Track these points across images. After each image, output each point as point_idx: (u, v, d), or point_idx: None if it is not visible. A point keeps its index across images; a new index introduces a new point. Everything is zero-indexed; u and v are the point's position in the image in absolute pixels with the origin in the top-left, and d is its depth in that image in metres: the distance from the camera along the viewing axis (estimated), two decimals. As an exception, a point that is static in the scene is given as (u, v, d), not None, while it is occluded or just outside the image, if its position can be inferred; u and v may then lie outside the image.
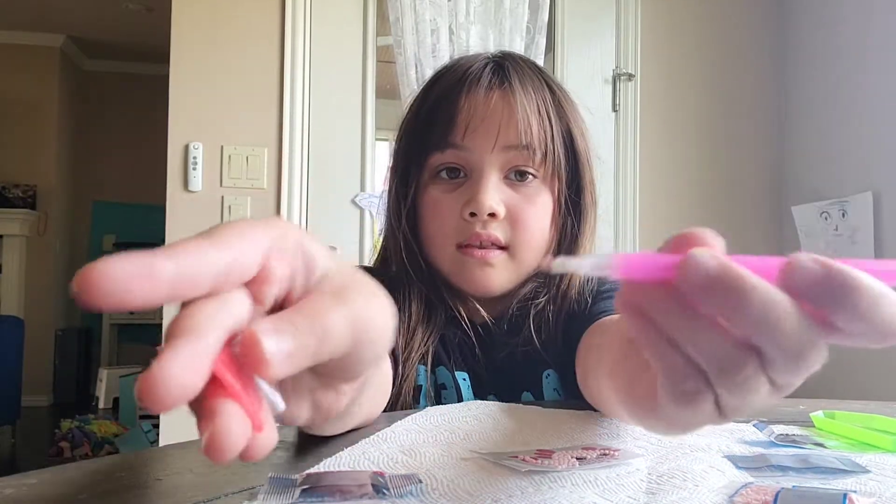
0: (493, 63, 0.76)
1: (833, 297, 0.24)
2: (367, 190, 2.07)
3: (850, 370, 2.07)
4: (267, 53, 2.02)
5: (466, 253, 0.72)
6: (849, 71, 2.10)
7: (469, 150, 0.72)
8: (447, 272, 0.75)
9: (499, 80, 0.74)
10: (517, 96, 0.72)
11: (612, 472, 0.38)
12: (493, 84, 0.73)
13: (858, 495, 0.35)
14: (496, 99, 0.72)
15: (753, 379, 0.25)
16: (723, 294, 0.24)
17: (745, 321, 0.24)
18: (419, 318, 0.73)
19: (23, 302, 5.10)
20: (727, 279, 0.24)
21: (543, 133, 0.72)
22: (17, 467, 3.56)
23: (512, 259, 0.73)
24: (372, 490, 0.35)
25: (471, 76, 0.74)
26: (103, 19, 4.95)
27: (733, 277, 0.24)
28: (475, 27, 2.04)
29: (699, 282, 0.24)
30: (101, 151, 5.80)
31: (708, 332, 0.25)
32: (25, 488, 0.37)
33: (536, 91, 0.74)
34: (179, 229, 1.97)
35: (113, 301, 0.20)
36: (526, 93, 0.73)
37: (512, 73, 0.74)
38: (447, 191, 0.73)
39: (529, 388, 0.73)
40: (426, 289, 0.75)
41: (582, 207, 0.77)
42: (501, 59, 0.77)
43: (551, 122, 0.74)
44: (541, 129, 0.72)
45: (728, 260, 0.25)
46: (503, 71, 0.75)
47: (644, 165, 2.21)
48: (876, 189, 1.96)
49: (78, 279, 0.20)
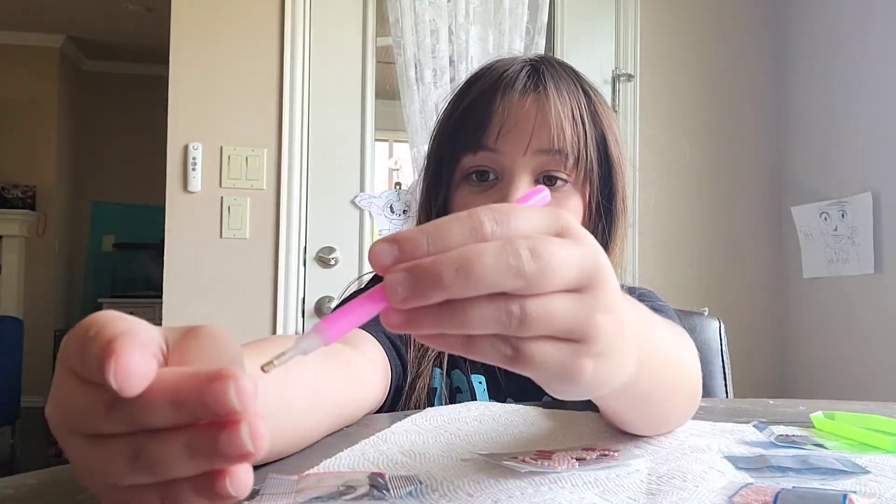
0: (529, 66, 0.76)
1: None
2: (367, 190, 2.07)
3: (850, 370, 2.07)
4: (266, 54, 2.02)
5: None
6: (849, 71, 2.10)
7: (501, 153, 0.72)
8: None
9: (534, 83, 0.74)
10: (551, 101, 0.72)
11: (611, 472, 0.38)
12: (528, 88, 0.73)
13: (858, 496, 0.35)
14: (530, 103, 0.72)
15: (516, 309, 0.27)
16: (432, 285, 0.26)
17: (472, 285, 0.26)
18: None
19: (22, 302, 5.10)
20: (423, 280, 0.26)
21: (576, 138, 0.72)
22: (16, 468, 3.56)
23: None
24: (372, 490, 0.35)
25: (506, 79, 0.74)
26: (103, 20, 4.95)
27: (423, 276, 0.26)
28: (475, 28, 2.04)
29: (405, 295, 0.26)
30: (101, 152, 5.80)
31: (463, 312, 0.27)
32: (25, 489, 0.37)
33: (571, 95, 0.74)
34: (179, 230, 1.96)
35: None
36: (560, 97, 0.73)
37: (547, 78, 0.74)
38: (478, 193, 0.74)
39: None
40: None
41: (613, 213, 0.77)
42: (538, 63, 0.77)
43: (585, 127, 0.73)
44: (574, 133, 0.72)
45: (412, 265, 0.27)
46: (539, 75, 0.74)
47: (644, 166, 2.21)
48: (875, 189, 1.96)
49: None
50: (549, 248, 0.27)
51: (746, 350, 2.13)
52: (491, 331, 0.28)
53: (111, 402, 0.24)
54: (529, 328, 0.28)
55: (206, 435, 0.24)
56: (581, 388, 0.31)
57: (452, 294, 0.26)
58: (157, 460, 0.24)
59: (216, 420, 0.24)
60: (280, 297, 1.98)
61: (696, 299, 2.11)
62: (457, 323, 0.27)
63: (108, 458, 0.25)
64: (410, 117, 2.01)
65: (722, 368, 1.06)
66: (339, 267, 2.03)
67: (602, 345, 0.30)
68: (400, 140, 2.37)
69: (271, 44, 2.02)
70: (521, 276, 0.26)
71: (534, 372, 0.30)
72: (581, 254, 0.29)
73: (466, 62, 2.00)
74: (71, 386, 0.26)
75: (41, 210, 5.28)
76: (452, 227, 0.27)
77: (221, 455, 0.24)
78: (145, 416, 0.24)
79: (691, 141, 2.27)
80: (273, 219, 2.00)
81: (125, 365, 0.23)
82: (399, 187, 2.39)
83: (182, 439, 0.24)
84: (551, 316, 0.28)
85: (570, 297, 0.29)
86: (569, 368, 0.30)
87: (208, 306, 1.94)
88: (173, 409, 0.24)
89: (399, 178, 2.64)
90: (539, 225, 0.29)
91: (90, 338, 0.25)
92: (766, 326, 2.29)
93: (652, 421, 0.47)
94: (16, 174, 5.24)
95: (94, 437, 0.25)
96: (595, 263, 0.29)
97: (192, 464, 0.24)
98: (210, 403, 0.23)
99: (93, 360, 0.24)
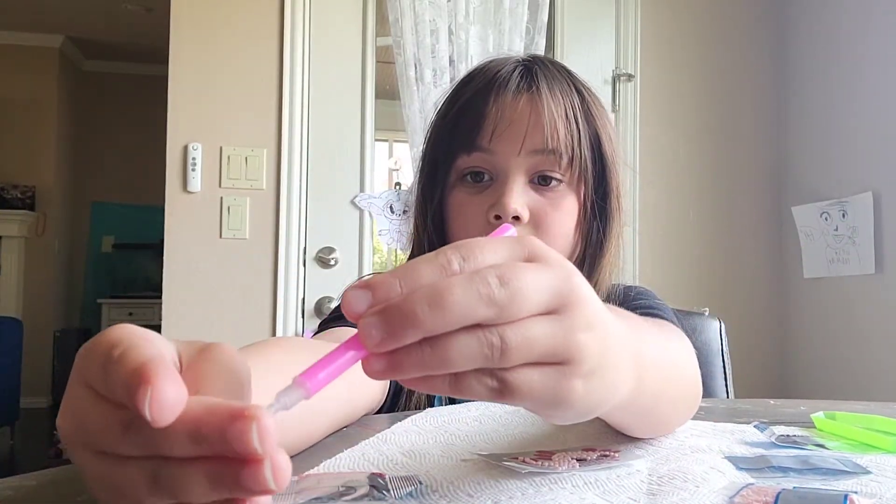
0: (522, 66, 0.76)
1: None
2: (367, 190, 2.06)
3: (850, 370, 2.07)
4: (266, 54, 2.02)
5: None
6: (848, 71, 2.10)
7: (495, 154, 0.72)
8: None
9: (527, 84, 0.74)
10: (545, 101, 0.72)
11: (612, 473, 0.38)
12: (522, 88, 0.73)
13: (859, 496, 0.35)
14: (524, 103, 0.72)
15: (495, 339, 0.27)
16: (406, 323, 0.26)
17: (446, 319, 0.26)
18: None
19: (21, 303, 5.10)
20: (396, 319, 0.26)
21: (570, 137, 0.72)
22: (16, 468, 3.56)
23: None
24: (372, 491, 0.35)
25: (499, 80, 0.74)
26: (102, 20, 4.95)
27: (396, 315, 0.26)
28: (474, 28, 2.04)
29: (381, 337, 0.26)
30: (100, 152, 5.80)
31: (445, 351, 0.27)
32: (25, 490, 0.37)
33: (565, 95, 0.74)
34: (178, 230, 1.96)
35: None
36: (554, 97, 0.73)
37: (540, 77, 0.74)
38: (473, 193, 0.74)
39: None
40: None
41: (608, 212, 0.77)
42: (531, 63, 0.77)
43: (579, 126, 0.74)
44: (567, 133, 0.72)
45: (384, 307, 0.26)
46: (532, 75, 0.75)
47: (643, 166, 2.21)
48: (876, 189, 1.96)
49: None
50: (517, 273, 0.27)
51: (747, 350, 2.13)
52: (474, 365, 0.27)
53: (128, 422, 0.24)
54: (511, 357, 0.27)
55: (227, 468, 0.24)
56: (574, 410, 0.31)
57: (428, 330, 0.26)
58: (176, 486, 0.24)
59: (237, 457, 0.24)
60: (280, 298, 1.98)
61: (696, 299, 2.11)
62: (438, 361, 0.27)
63: (125, 478, 0.25)
64: (410, 117, 2.01)
65: (722, 368, 1.06)
66: (339, 267, 2.03)
67: (589, 364, 0.30)
68: (400, 140, 2.37)
69: (271, 44, 2.02)
70: (492, 303, 0.26)
71: (523, 402, 0.29)
72: (551, 275, 0.29)
73: (466, 62, 2.00)
74: (87, 401, 0.26)
75: (41, 210, 5.28)
76: (421, 267, 0.27)
77: (243, 489, 0.24)
78: (163, 445, 0.24)
79: (691, 141, 2.27)
80: (273, 219, 2.00)
81: (160, 395, 0.23)
82: (399, 187, 2.39)
83: (202, 469, 0.24)
84: (531, 341, 0.28)
85: (548, 320, 0.28)
86: (558, 393, 0.29)
87: (208, 306, 1.94)
88: (193, 443, 0.24)
89: (399, 178, 2.64)
90: (505, 254, 0.29)
91: (115, 358, 0.24)
92: (766, 326, 2.29)
93: (654, 428, 0.47)
94: (15, 174, 5.24)
95: (108, 455, 0.25)
96: (567, 283, 0.29)
97: (212, 493, 0.24)
98: (232, 442, 0.23)
99: (120, 383, 0.24)
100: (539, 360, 0.28)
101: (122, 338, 0.25)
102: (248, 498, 0.24)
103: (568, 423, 0.32)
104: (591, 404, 0.31)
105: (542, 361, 0.28)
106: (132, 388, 0.23)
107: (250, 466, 0.23)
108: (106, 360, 0.25)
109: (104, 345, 0.25)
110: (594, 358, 0.30)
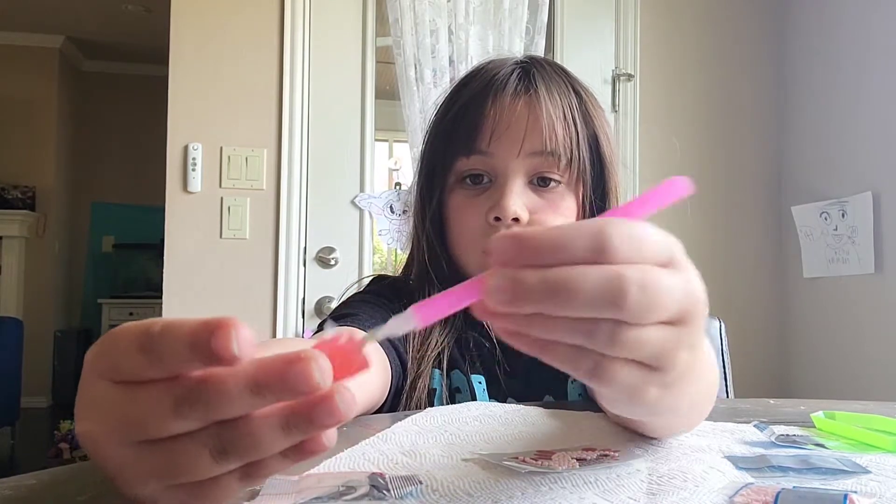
0: (520, 69, 0.76)
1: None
2: (367, 191, 2.06)
3: (850, 370, 2.07)
4: (266, 54, 2.02)
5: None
6: (848, 71, 2.10)
7: (494, 157, 0.73)
8: (472, 276, 0.75)
9: (525, 86, 0.74)
10: (542, 102, 0.72)
11: (612, 472, 0.38)
12: (520, 90, 0.74)
13: (859, 496, 0.35)
14: (522, 105, 0.73)
15: (608, 331, 0.27)
16: (531, 302, 0.26)
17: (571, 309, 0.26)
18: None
19: (22, 303, 5.10)
20: (523, 296, 0.26)
21: (568, 139, 0.73)
22: (16, 468, 3.56)
23: None
24: (372, 491, 0.35)
25: (497, 82, 0.74)
26: (102, 20, 4.95)
27: (524, 293, 0.26)
28: (474, 28, 2.04)
29: (500, 303, 0.26)
30: (100, 152, 5.80)
31: (553, 321, 0.27)
32: (25, 490, 0.37)
33: (563, 96, 0.74)
34: (179, 230, 1.96)
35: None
36: (552, 99, 0.73)
37: (538, 79, 0.74)
38: (472, 195, 0.74)
39: (552, 393, 0.73)
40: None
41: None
42: (528, 65, 0.77)
43: (577, 127, 0.74)
44: (566, 134, 0.72)
45: (517, 279, 0.26)
46: (529, 77, 0.75)
47: (643, 166, 2.21)
48: (876, 189, 1.96)
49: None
50: (658, 283, 0.27)
51: (746, 350, 2.13)
52: (576, 342, 0.27)
53: (181, 398, 0.24)
54: (619, 351, 0.27)
55: (298, 408, 0.25)
56: (641, 409, 0.32)
57: (553, 312, 0.26)
58: (244, 444, 0.25)
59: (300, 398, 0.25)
60: (280, 298, 1.98)
61: (696, 299, 2.10)
62: (548, 331, 0.27)
63: (183, 456, 0.25)
64: (410, 117, 2.01)
65: (722, 368, 1.06)
66: (339, 267, 2.03)
67: (673, 376, 0.30)
68: (400, 140, 2.37)
69: (271, 44, 2.02)
70: (625, 308, 0.26)
71: (606, 388, 0.30)
72: (684, 290, 0.29)
73: (466, 62, 2.00)
74: (119, 395, 0.25)
75: (41, 211, 5.28)
76: (577, 243, 0.26)
77: (318, 425, 0.25)
78: (222, 407, 0.24)
79: (691, 141, 2.27)
80: (273, 219, 2.00)
81: (241, 330, 0.24)
82: (399, 187, 2.39)
83: (272, 419, 0.25)
84: (642, 344, 0.28)
85: (664, 330, 0.28)
86: (635, 392, 0.30)
87: (208, 306, 1.94)
88: (253, 396, 0.24)
89: (399, 178, 2.64)
90: (656, 253, 0.28)
91: (159, 332, 0.24)
92: (766, 326, 2.29)
93: (673, 430, 0.47)
94: (15, 175, 5.24)
95: (156, 441, 0.25)
96: (695, 300, 0.29)
97: (285, 439, 0.25)
98: (294, 383, 0.24)
99: (180, 347, 0.24)
100: (637, 359, 0.29)
101: (148, 322, 0.25)
102: (321, 434, 0.25)
103: (621, 414, 0.33)
104: (655, 410, 0.32)
105: (638, 360, 0.29)
106: (202, 341, 0.23)
107: (324, 400, 0.24)
108: (144, 341, 0.25)
109: (131, 333, 0.25)
110: (680, 373, 0.30)
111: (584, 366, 0.28)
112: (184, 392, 0.24)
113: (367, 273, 2.06)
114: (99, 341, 0.27)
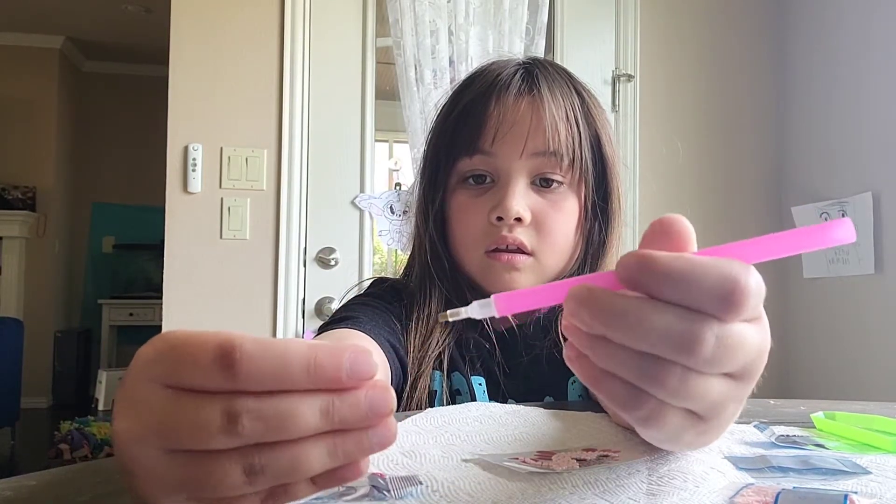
0: (522, 69, 0.76)
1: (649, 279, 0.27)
2: (367, 191, 2.07)
3: (850, 370, 2.07)
4: (266, 55, 2.02)
5: (493, 257, 0.73)
6: (848, 71, 2.10)
7: (497, 157, 0.73)
8: (474, 275, 0.76)
9: (528, 86, 0.74)
10: (545, 103, 0.73)
11: (612, 473, 0.38)
12: (523, 91, 0.74)
13: (859, 496, 0.35)
14: (524, 106, 0.73)
15: (678, 378, 0.27)
16: (610, 327, 0.26)
17: (639, 343, 0.26)
18: (437, 320, 0.74)
19: (22, 303, 5.10)
20: (607, 319, 0.26)
21: (571, 139, 0.73)
22: (16, 469, 3.56)
23: (538, 264, 0.73)
24: (372, 491, 0.35)
25: (500, 83, 0.74)
26: (102, 21, 4.95)
27: (611, 319, 0.26)
28: (474, 28, 2.04)
29: (583, 322, 0.27)
30: (101, 153, 5.80)
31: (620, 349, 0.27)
32: (25, 490, 0.37)
33: (565, 97, 0.75)
34: (179, 231, 1.96)
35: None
36: (554, 99, 0.73)
37: (541, 80, 0.75)
38: (475, 195, 0.74)
39: (552, 394, 0.73)
40: (448, 291, 0.76)
41: (609, 213, 0.77)
42: (531, 66, 0.77)
43: (579, 128, 0.74)
44: (568, 135, 0.73)
45: (611, 307, 0.26)
46: (532, 77, 0.75)
47: (643, 166, 2.21)
48: (876, 189, 1.96)
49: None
50: (740, 337, 0.27)
51: (747, 350, 2.13)
52: (629, 377, 0.27)
53: (235, 413, 0.24)
54: (680, 401, 0.27)
55: (348, 433, 0.25)
56: (669, 445, 0.32)
57: (616, 334, 0.26)
58: (285, 467, 0.24)
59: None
60: (280, 298, 1.98)
61: (697, 299, 2.10)
62: (603, 357, 0.27)
63: (218, 472, 0.24)
64: (410, 118, 2.01)
65: (722, 369, 1.05)
66: (340, 268, 2.03)
67: (712, 424, 0.30)
68: (400, 140, 2.37)
69: (271, 44, 2.02)
70: (698, 357, 0.26)
71: (651, 431, 0.29)
72: (756, 348, 0.28)
73: (466, 63, 2.00)
74: (170, 401, 0.24)
75: (41, 211, 5.28)
76: (702, 282, 0.26)
77: (367, 450, 0.25)
78: (287, 429, 0.24)
79: (691, 141, 2.27)
80: (273, 220, 2.00)
81: (366, 355, 0.25)
82: (399, 188, 2.39)
83: (321, 442, 0.25)
84: (701, 396, 0.27)
85: (725, 382, 0.28)
86: (675, 434, 0.30)
87: (208, 307, 1.94)
88: (322, 418, 0.24)
89: (399, 178, 2.64)
90: (755, 308, 0.27)
91: (253, 352, 0.24)
92: (766, 326, 2.29)
93: (683, 448, 0.47)
94: (16, 175, 5.24)
95: (192, 452, 0.24)
96: (760, 358, 0.29)
97: (327, 464, 0.25)
98: (372, 414, 0.24)
99: (298, 369, 0.24)
100: (688, 408, 0.28)
101: (226, 336, 0.24)
102: (361, 460, 0.25)
103: (646, 439, 0.33)
104: (686, 447, 0.33)
105: (688, 408, 0.28)
106: (332, 366, 0.24)
107: (379, 425, 0.25)
108: (229, 359, 0.23)
109: (208, 345, 0.24)
110: (721, 422, 0.30)
111: (640, 413, 0.28)
112: (243, 407, 0.23)
113: (368, 274, 2.06)
114: (154, 345, 0.25)
